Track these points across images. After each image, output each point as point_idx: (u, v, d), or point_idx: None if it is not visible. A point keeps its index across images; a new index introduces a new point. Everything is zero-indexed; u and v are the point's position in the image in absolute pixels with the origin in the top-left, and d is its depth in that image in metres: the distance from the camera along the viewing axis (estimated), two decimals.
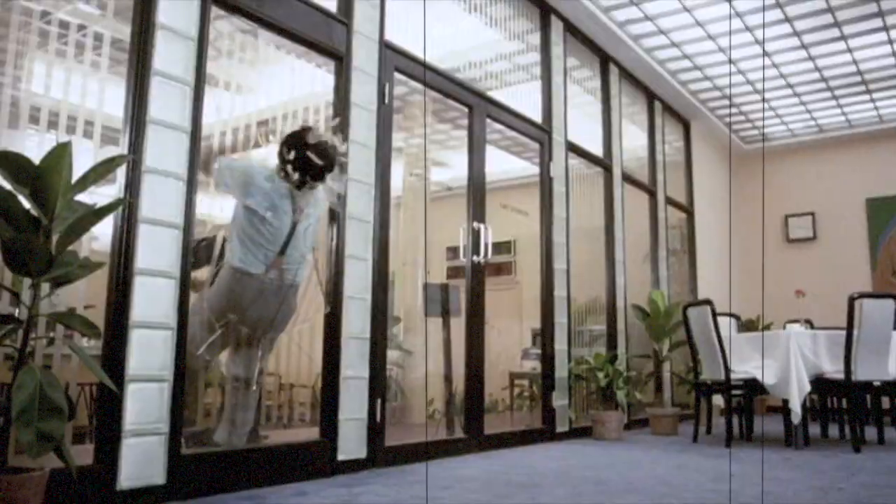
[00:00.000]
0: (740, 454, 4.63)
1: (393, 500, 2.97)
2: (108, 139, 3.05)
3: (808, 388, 4.85)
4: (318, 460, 3.56)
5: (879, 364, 4.85)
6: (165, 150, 2.97)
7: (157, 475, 2.82)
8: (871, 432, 5.35)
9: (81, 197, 2.38)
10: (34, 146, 2.74)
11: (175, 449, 2.90)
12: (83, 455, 2.70)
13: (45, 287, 2.33)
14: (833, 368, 4.92)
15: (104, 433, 2.71)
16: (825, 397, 5.86)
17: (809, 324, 6.53)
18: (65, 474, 2.31)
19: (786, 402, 4.90)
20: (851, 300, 4.82)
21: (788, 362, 4.86)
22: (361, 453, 3.82)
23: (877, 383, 4.86)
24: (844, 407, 5.56)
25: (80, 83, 2.95)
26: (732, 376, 5.16)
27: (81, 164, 2.32)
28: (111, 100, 3.00)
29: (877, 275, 8.83)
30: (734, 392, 5.33)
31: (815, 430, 5.77)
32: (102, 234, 2.95)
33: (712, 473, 3.72)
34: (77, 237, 2.36)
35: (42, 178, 2.16)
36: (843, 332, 4.82)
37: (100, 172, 2.32)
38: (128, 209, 2.83)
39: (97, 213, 2.31)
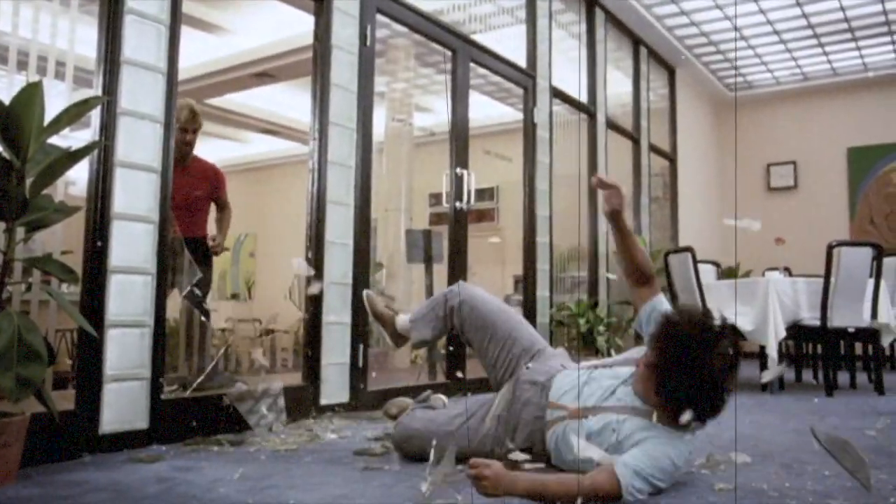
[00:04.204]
0: None
1: (370, 440, 3.01)
2: (81, 81, 2.96)
3: (783, 333, 4.92)
4: (301, 405, 3.59)
5: (854, 311, 4.92)
6: (141, 92, 2.90)
7: (139, 419, 2.83)
8: (843, 378, 5.47)
9: (55, 140, 2.32)
10: (3, 88, 2.65)
11: (157, 393, 2.91)
12: (66, 400, 2.71)
13: (20, 232, 2.29)
14: (811, 315, 4.99)
15: (85, 378, 2.70)
16: (801, 344, 5.97)
17: (788, 271, 6.60)
18: (46, 419, 2.31)
19: (762, 347, 4.98)
20: (830, 248, 4.86)
21: (766, 309, 4.93)
22: (344, 398, 3.85)
23: (851, 329, 4.94)
24: (819, 353, 5.67)
25: (49, 22, 2.85)
26: None
27: (54, 106, 2.26)
28: (83, 40, 2.91)
29: (855, 224, 8.93)
30: None
31: (790, 375, 5.89)
32: (79, 179, 2.90)
33: None
34: (52, 181, 2.31)
35: (13, 118, 2.11)
36: (822, 280, 4.89)
37: (73, 114, 2.27)
38: (103, 152, 2.77)
39: (72, 156, 2.27)
